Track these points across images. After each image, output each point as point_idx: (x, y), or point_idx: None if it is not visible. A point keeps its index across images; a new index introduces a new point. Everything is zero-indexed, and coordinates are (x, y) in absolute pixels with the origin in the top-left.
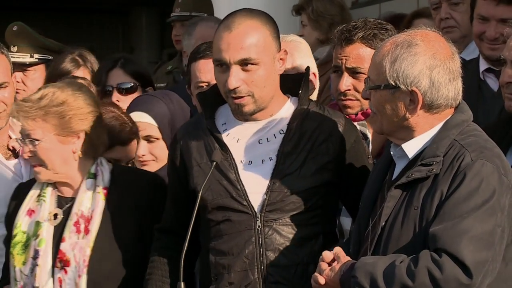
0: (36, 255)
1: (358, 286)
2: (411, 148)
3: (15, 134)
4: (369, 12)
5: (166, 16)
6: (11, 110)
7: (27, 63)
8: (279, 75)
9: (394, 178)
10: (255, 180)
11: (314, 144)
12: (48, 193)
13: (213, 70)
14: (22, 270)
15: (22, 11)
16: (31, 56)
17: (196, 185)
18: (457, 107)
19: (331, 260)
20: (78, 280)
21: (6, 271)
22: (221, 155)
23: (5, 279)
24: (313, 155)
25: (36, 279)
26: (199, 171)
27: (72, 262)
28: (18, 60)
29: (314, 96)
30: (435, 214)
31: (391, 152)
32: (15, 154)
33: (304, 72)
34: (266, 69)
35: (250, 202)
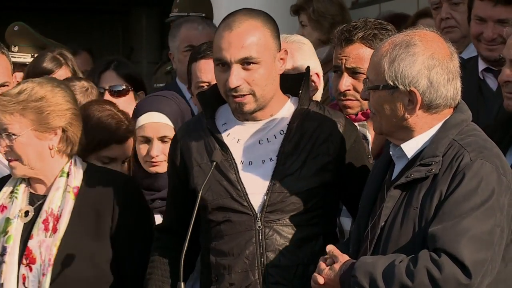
0: (4, 251)
1: (358, 286)
2: (410, 148)
3: None
4: (369, 12)
5: (166, 16)
6: None
7: (28, 63)
8: (279, 75)
9: (393, 178)
10: (256, 180)
11: (314, 144)
12: (20, 190)
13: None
14: None
15: (22, 12)
16: (32, 56)
17: (196, 185)
18: (456, 107)
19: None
20: (42, 278)
21: None
22: (221, 155)
23: None
24: (313, 155)
25: (1, 276)
26: (199, 171)
27: (38, 260)
28: (19, 60)
29: (318, 97)
30: (434, 214)
31: (390, 152)
32: None
33: (304, 72)
34: (267, 68)
35: (250, 202)
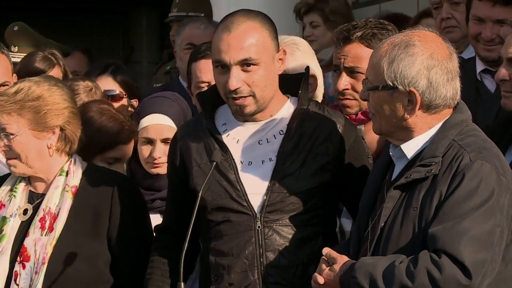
0: None
1: (358, 287)
2: (410, 148)
3: None
4: (369, 12)
5: (166, 16)
6: None
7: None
8: (278, 75)
9: (393, 179)
10: (255, 180)
11: (314, 144)
12: (19, 188)
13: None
14: None
15: (22, 12)
16: None
17: (196, 185)
18: (455, 107)
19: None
20: (35, 276)
21: None
22: (221, 156)
23: None
24: (313, 155)
25: None
26: (198, 171)
27: (32, 258)
28: (19, 60)
29: (319, 97)
30: (434, 215)
31: (390, 153)
32: None
33: (304, 72)
34: (266, 69)
35: (250, 203)
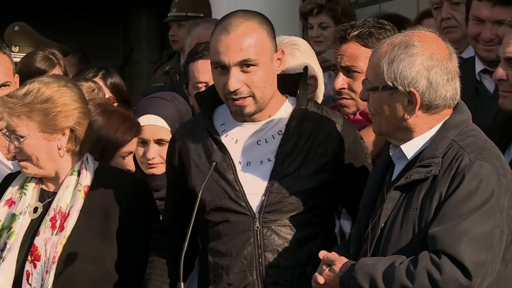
0: (4, 247)
1: (358, 287)
2: (410, 149)
3: None
4: (369, 12)
5: (166, 16)
6: None
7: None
8: (276, 75)
9: (393, 179)
10: (254, 181)
11: (312, 144)
12: (30, 187)
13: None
14: None
15: (22, 12)
16: None
17: (195, 186)
18: (455, 107)
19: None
20: (46, 276)
21: None
22: (220, 156)
23: None
24: (311, 155)
25: None
26: (197, 172)
27: (43, 257)
28: (20, 60)
29: (320, 97)
30: (434, 215)
31: (390, 153)
32: None
33: (302, 72)
34: (265, 69)
35: (248, 203)
